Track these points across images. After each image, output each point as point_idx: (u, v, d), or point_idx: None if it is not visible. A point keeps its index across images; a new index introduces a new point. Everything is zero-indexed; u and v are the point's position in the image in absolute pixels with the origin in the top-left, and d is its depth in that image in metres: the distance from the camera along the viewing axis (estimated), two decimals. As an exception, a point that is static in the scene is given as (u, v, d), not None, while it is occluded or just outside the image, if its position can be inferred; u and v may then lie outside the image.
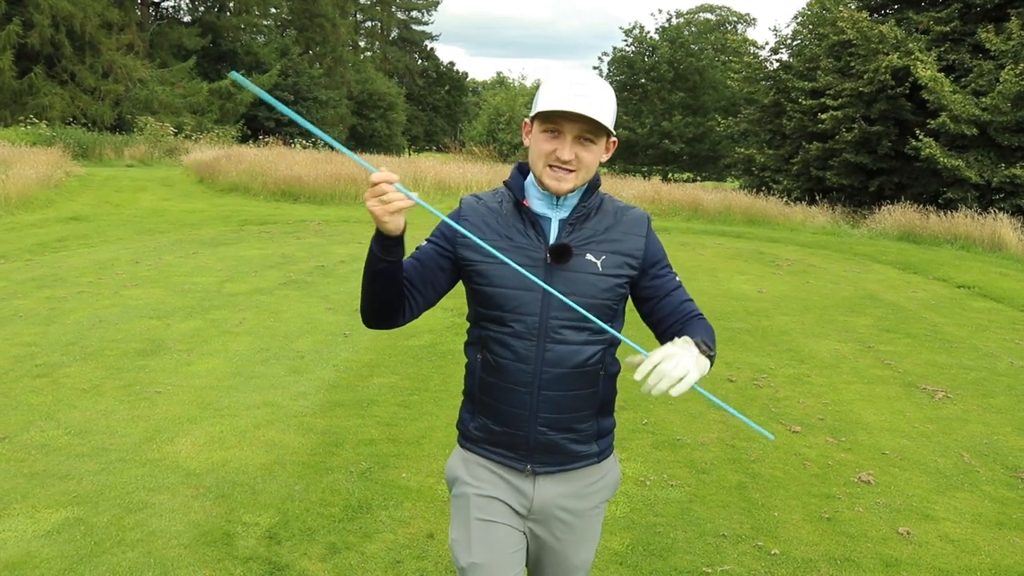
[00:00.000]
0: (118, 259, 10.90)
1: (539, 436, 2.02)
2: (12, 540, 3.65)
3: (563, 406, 2.01)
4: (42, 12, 34.10)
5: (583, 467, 2.10)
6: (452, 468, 2.18)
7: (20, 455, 4.57)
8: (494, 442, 2.07)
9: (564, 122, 1.90)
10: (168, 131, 31.27)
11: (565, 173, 1.94)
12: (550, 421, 2.01)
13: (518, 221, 2.02)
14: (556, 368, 1.98)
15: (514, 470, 2.07)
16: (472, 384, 2.11)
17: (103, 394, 5.62)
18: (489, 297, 1.99)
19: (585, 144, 1.93)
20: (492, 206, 2.07)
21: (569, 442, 2.05)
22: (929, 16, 21.49)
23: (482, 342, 2.05)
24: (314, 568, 3.49)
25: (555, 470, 2.07)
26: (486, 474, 2.09)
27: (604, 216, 2.05)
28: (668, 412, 5.67)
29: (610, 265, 1.99)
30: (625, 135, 45.55)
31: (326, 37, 54.96)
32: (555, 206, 2.02)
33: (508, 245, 1.98)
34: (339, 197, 19.46)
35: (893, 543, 3.91)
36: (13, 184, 15.97)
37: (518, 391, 2.00)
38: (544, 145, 1.93)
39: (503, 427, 2.04)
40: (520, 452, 2.05)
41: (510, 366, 1.99)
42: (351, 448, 4.81)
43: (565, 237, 1.99)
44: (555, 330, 1.97)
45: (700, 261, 12.86)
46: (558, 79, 1.92)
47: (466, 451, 2.14)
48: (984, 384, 6.65)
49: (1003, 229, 16.19)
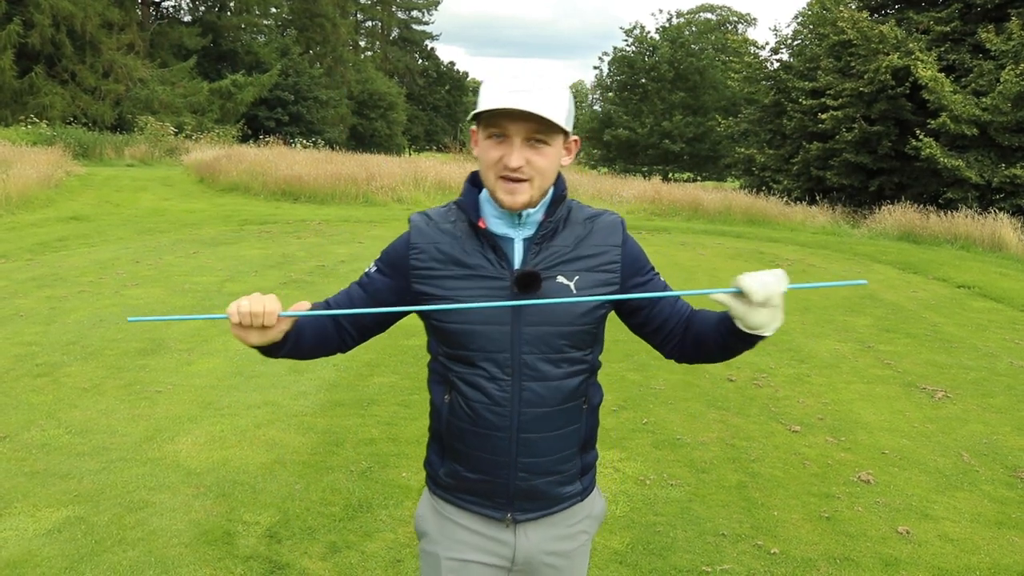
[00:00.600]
0: (119, 259, 10.91)
1: (519, 482, 1.80)
2: (13, 539, 3.65)
3: (545, 448, 1.79)
4: (43, 12, 34.10)
5: (567, 508, 1.89)
6: (421, 519, 1.95)
7: (21, 454, 4.58)
8: (468, 490, 1.84)
9: (507, 123, 1.65)
10: (168, 131, 31.27)
11: (517, 184, 1.68)
12: (531, 466, 1.79)
13: (476, 244, 1.76)
14: (535, 408, 1.76)
15: (492, 520, 1.84)
16: (439, 427, 1.86)
17: (104, 393, 5.63)
18: (452, 335, 1.75)
19: (537, 147, 1.67)
20: (445, 227, 1.79)
21: (553, 485, 1.84)
22: (929, 16, 21.50)
23: (448, 383, 1.80)
24: (314, 567, 3.50)
25: (538, 515, 1.85)
26: (460, 532, 1.86)
27: (573, 228, 1.80)
28: (668, 412, 5.68)
29: (586, 285, 1.75)
30: (626, 135, 45.57)
31: (326, 37, 54.98)
32: (517, 225, 1.76)
33: (467, 274, 1.74)
34: (339, 197, 19.46)
35: (892, 542, 3.92)
36: (14, 183, 15.97)
37: (494, 436, 1.77)
38: (491, 153, 1.69)
39: (478, 474, 1.81)
40: (498, 500, 1.82)
41: (483, 410, 1.75)
42: (351, 447, 4.82)
43: (531, 260, 1.74)
44: (530, 366, 1.74)
45: (700, 261, 12.87)
46: (499, 74, 1.68)
47: (436, 498, 1.91)
48: (984, 384, 6.66)
49: (1003, 229, 16.19)
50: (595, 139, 48.86)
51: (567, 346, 1.76)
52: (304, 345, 1.82)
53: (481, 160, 1.73)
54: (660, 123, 45.33)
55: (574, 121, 1.78)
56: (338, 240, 13.49)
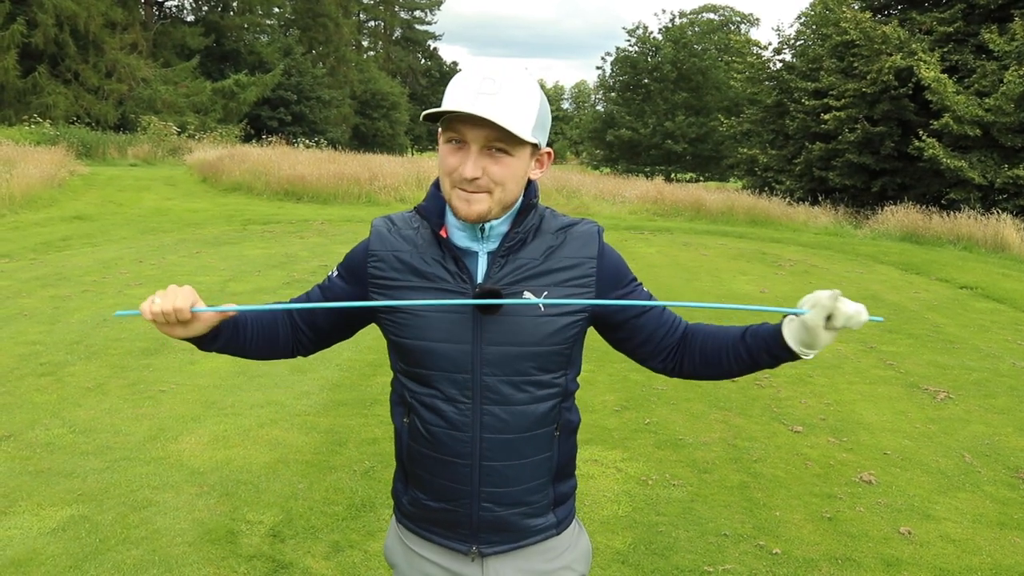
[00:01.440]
0: (122, 258, 10.93)
1: (483, 513, 1.66)
2: (18, 538, 3.67)
3: (510, 478, 1.64)
4: (46, 11, 34.15)
5: (539, 541, 1.73)
6: (390, 551, 1.85)
7: (25, 453, 4.60)
8: (431, 520, 1.71)
9: (464, 129, 1.50)
10: (171, 130, 31.33)
11: (474, 194, 1.53)
12: (496, 496, 1.65)
13: (437, 253, 1.62)
14: (498, 435, 1.62)
15: (457, 553, 1.71)
16: (400, 451, 1.75)
17: (108, 393, 5.65)
18: (409, 352, 1.62)
19: (496, 156, 1.51)
20: (406, 234, 1.66)
21: (521, 517, 1.69)
22: (932, 17, 21.49)
23: (406, 405, 1.68)
24: (317, 566, 3.51)
25: (507, 548, 1.70)
26: (426, 566, 1.75)
27: (543, 239, 1.64)
28: (670, 412, 5.69)
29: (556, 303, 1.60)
30: (628, 135, 45.60)
31: (329, 37, 55.02)
32: (480, 238, 1.61)
33: (426, 286, 1.60)
34: (342, 196, 19.48)
35: (894, 543, 3.93)
36: (17, 183, 16.01)
37: (455, 463, 1.64)
38: (448, 159, 1.54)
39: (440, 503, 1.68)
40: (462, 531, 1.69)
41: (442, 435, 1.62)
42: (354, 447, 4.84)
43: (495, 274, 1.59)
44: (492, 389, 1.59)
45: (703, 261, 12.87)
46: (465, 74, 1.52)
47: (402, 528, 1.79)
48: (986, 385, 6.66)
49: (1006, 230, 16.18)
50: (598, 139, 48.87)
51: (533, 368, 1.61)
52: (245, 340, 1.71)
53: (439, 165, 1.59)
54: (663, 123, 45.37)
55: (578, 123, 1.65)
56: (341, 240, 13.50)
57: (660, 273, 11.38)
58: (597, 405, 5.73)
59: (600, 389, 6.09)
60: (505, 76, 1.49)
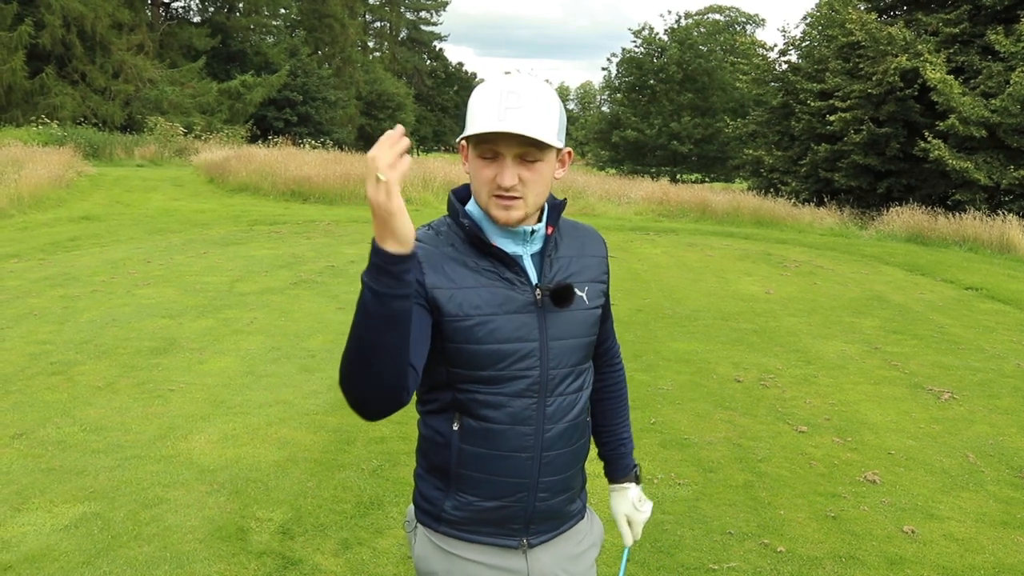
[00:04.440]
0: (130, 258, 10.99)
1: (538, 504, 1.76)
2: (32, 534, 3.72)
3: (563, 465, 1.78)
4: (53, 12, 34.27)
5: (573, 525, 1.88)
6: (425, 561, 1.82)
7: (37, 451, 4.65)
8: (480, 520, 1.75)
9: (498, 142, 1.60)
10: (178, 131, 31.39)
11: (512, 201, 1.64)
12: (550, 485, 1.76)
13: (488, 263, 1.69)
14: (558, 424, 1.74)
15: (506, 549, 1.77)
16: (445, 459, 1.75)
17: (117, 392, 5.70)
18: (479, 356, 1.66)
19: (529, 164, 1.63)
20: (449, 250, 1.70)
21: (565, 503, 1.83)
22: (938, 18, 21.48)
23: (461, 408, 1.71)
24: (327, 563, 3.56)
25: (550, 536, 1.82)
26: (471, 567, 1.77)
27: (568, 238, 1.81)
28: (676, 412, 5.72)
29: (593, 296, 1.79)
30: (634, 136, 45.60)
31: (335, 37, 55.09)
32: (525, 241, 1.73)
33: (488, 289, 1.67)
34: (349, 197, 19.53)
35: (898, 541, 3.96)
36: (25, 183, 16.10)
37: (516, 458, 1.72)
38: (483, 172, 1.64)
39: (495, 501, 1.74)
40: (514, 526, 1.77)
41: (506, 431, 1.70)
42: (362, 445, 4.88)
43: (548, 273, 1.73)
44: (555, 381, 1.72)
45: (708, 262, 12.89)
46: (487, 91, 1.62)
47: (440, 536, 1.79)
48: (990, 385, 6.68)
49: (1012, 231, 16.16)
50: (603, 140, 48.87)
51: (582, 358, 1.79)
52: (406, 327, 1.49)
53: (473, 178, 1.69)
54: (668, 124, 45.38)
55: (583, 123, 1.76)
56: (347, 240, 13.55)
57: (666, 274, 11.41)
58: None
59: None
60: (526, 88, 1.60)
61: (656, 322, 8.35)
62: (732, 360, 7.12)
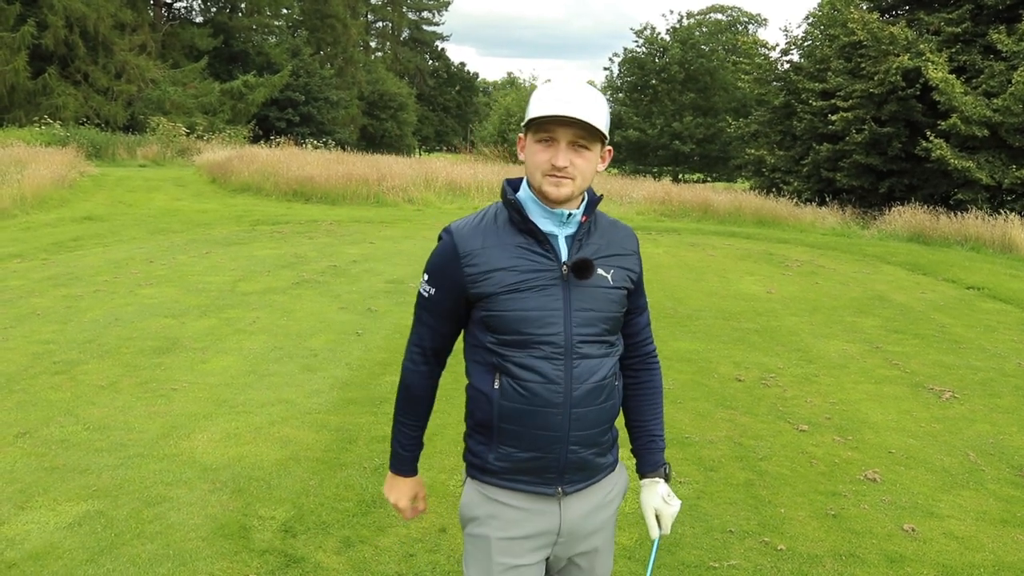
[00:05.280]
0: (133, 258, 11.02)
1: (570, 455, 1.98)
2: (36, 532, 3.74)
3: (591, 421, 1.99)
4: (56, 13, 34.35)
5: (604, 478, 2.12)
6: (469, 507, 2.08)
7: (41, 450, 4.67)
8: (520, 470, 1.99)
9: (557, 128, 1.88)
10: (180, 131, 31.43)
11: (563, 179, 1.90)
12: (580, 439, 1.98)
13: (522, 239, 1.96)
14: (584, 384, 1.96)
15: (542, 496, 2.01)
16: (487, 414, 1.99)
17: (120, 391, 5.72)
18: (511, 322, 1.93)
19: (579, 151, 1.91)
20: (488, 229, 1.99)
21: (595, 456, 2.04)
22: (940, 17, 21.46)
23: (499, 369, 1.96)
24: (329, 561, 3.57)
25: (583, 486, 2.05)
26: (509, 512, 2.02)
27: (603, 232, 2.05)
28: (677, 411, 5.73)
29: (617, 278, 2.02)
30: (636, 136, 45.60)
31: (337, 38, 55.17)
32: (561, 223, 1.98)
33: (521, 268, 1.94)
34: (351, 197, 19.56)
35: (898, 540, 3.97)
36: (28, 184, 16.15)
37: (549, 412, 1.94)
38: (539, 155, 1.91)
39: (531, 452, 1.97)
40: (550, 475, 2.00)
41: (539, 388, 1.93)
42: (364, 444, 4.90)
43: (576, 253, 1.97)
44: (577, 347, 1.95)
45: (710, 262, 12.90)
46: (548, 87, 1.92)
47: (485, 485, 2.05)
48: (991, 385, 6.69)
49: (1013, 230, 16.15)
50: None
51: (606, 331, 2.00)
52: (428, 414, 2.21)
53: (529, 161, 1.94)
54: (670, 124, 45.36)
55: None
56: (350, 240, 13.58)
57: (667, 273, 11.42)
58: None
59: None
60: (582, 86, 1.91)
61: (658, 321, 8.36)
62: (733, 359, 7.13)
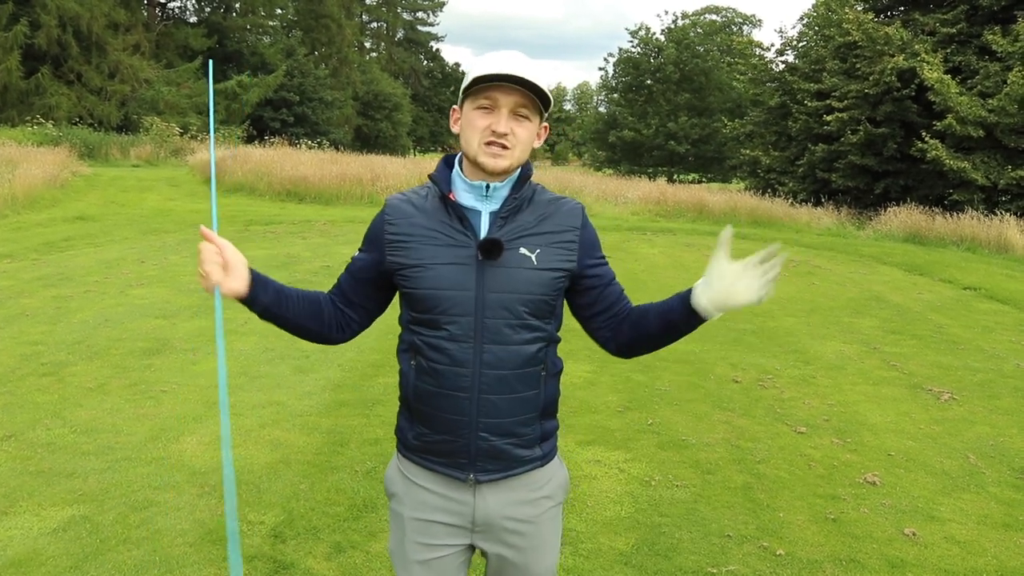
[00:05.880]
0: (124, 259, 10.93)
1: (480, 442, 1.90)
2: (19, 537, 3.66)
3: (505, 410, 1.90)
4: (49, 12, 34.19)
5: (527, 471, 1.98)
6: (390, 481, 2.08)
7: (26, 453, 4.59)
8: (433, 451, 1.95)
9: (499, 94, 1.81)
10: (174, 131, 31.29)
11: (501, 149, 1.83)
12: (491, 427, 1.90)
13: (445, 216, 1.90)
14: (496, 370, 1.87)
15: (455, 481, 1.95)
16: (407, 392, 1.97)
17: (109, 393, 5.64)
18: (421, 300, 1.88)
19: (520, 120, 1.84)
20: (417, 203, 1.95)
21: (512, 447, 1.94)
22: (935, 18, 21.47)
23: (414, 348, 1.93)
24: (319, 567, 3.50)
25: (499, 477, 1.95)
26: (423, 494, 1.98)
27: (537, 207, 1.94)
28: (674, 413, 5.67)
29: (546, 258, 1.89)
30: (631, 136, 45.59)
31: (332, 38, 55.03)
32: (484, 198, 1.90)
33: (436, 242, 1.88)
34: (344, 197, 19.49)
35: (898, 544, 3.90)
36: (20, 183, 16.02)
37: (457, 396, 1.88)
38: (478, 121, 1.84)
39: (442, 435, 1.92)
40: (460, 460, 1.93)
41: (446, 371, 1.87)
42: (356, 447, 4.82)
43: (496, 231, 1.87)
44: (491, 330, 1.86)
45: (705, 262, 12.72)
46: (490, 55, 1.85)
47: (404, 461, 2.03)
48: (990, 386, 6.64)
49: (1009, 231, 16.15)
50: (600, 140, 48.83)
51: (527, 313, 1.88)
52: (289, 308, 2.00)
53: (465, 129, 1.87)
54: (665, 124, 45.35)
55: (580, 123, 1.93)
56: (343, 240, 13.51)
57: (663, 274, 11.36)
58: (600, 406, 5.71)
59: (602, 390, 6.07)
60: (524, 58, 1.84)
61: (653, 322, 8.29)
62: (730, 360, 7.07)
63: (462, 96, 1.88)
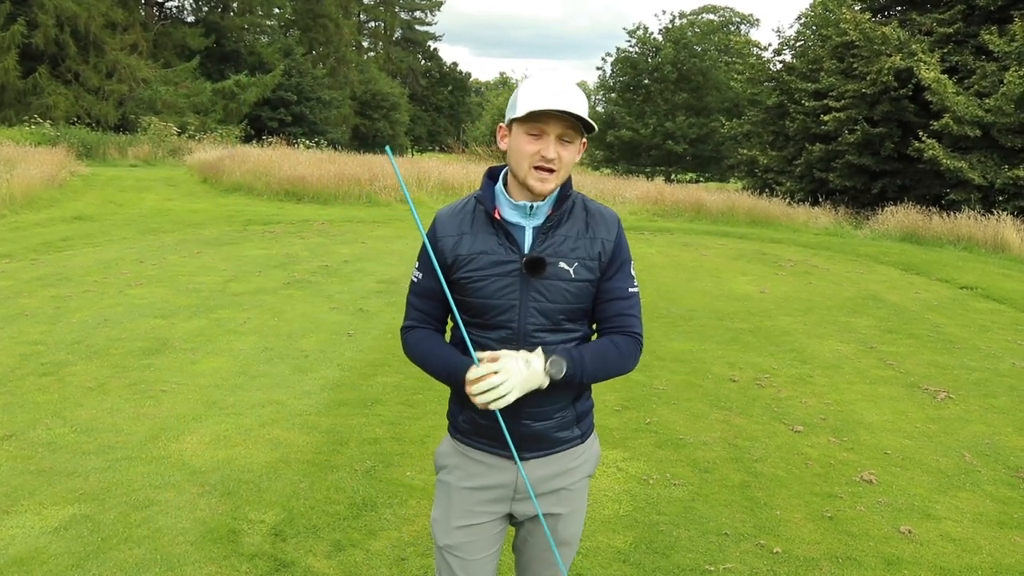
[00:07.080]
0: (123, 258, 10.94)
1: (523, 428, 2.12)
2: (20, 536, 3.68)
3: (543, 400, 2.08)
4: (47, 12, 34.15)
5: (568, 449, 2.21)
6: (441, 455, 2.30)
7: (27, 452, 4.60)
8: (482, 434, 2.16)
9: (549, 122, 1.96)
10: (172, 131, 31.24)
11: (548, 174, 2.00)
12: (532, 414, 2.11)
13: (491, 232, 2.08)
14: None
15: (502, 457, 2.16)
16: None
17: (109, 392, 5.66)
18: (475, 306, 2.08)
19: (565, 144, 2.00)
20: (466, 216, 2.13)
21: (553, 430, 2.16)
22: (932, 17, 21.49)
23: (464, 344, 2.10)
24: (319, 565, 3.52)
25: (542, 455, 2.17)
26: (472, 465, 2.20)
27: (576, 220, 2.12)
28: (671, 412, 5.69)
29: (581, 271, 2.08)
30: (628, 135, 45.57)
31: (329, 37, 54.99)
32: (528, 215, 2.08)
33: (484, 258, 2.07)
34: (343, 197, 19.48)
35: (895, 542, 3.93)
36: (18, 183, 16.01)
37: None
38: (528, 147, 1.99)
39: (489, 420, 2.10)
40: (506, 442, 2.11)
41: None
42: (355, 446, 4.84)
43: (539, 246, 2.06)
44: (531, 334, 2.07)
45: (703, 262, 12.88)
46: (537, 81, 2.00)
47: (456, 441, 2.25)
48: (986, 385, 6.67)
49: (1006, 230, 16.18)
50: (598, 140, 48.80)
51: (564, 320, 2.10)
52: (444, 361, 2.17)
53: (515, 152, 2.02)
54: (663, 124, 45.31)
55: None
56: (341, 240, 13.51)
57: (661, 273, 11.39)
58: (598, 404, 5.69)
59: (600, 388, 6.08)
60: (570, 84, 1.98)
61: (651, 322, 8.31)
62: (727, 360, 7.10)
63: (510, 118, 2.03)
